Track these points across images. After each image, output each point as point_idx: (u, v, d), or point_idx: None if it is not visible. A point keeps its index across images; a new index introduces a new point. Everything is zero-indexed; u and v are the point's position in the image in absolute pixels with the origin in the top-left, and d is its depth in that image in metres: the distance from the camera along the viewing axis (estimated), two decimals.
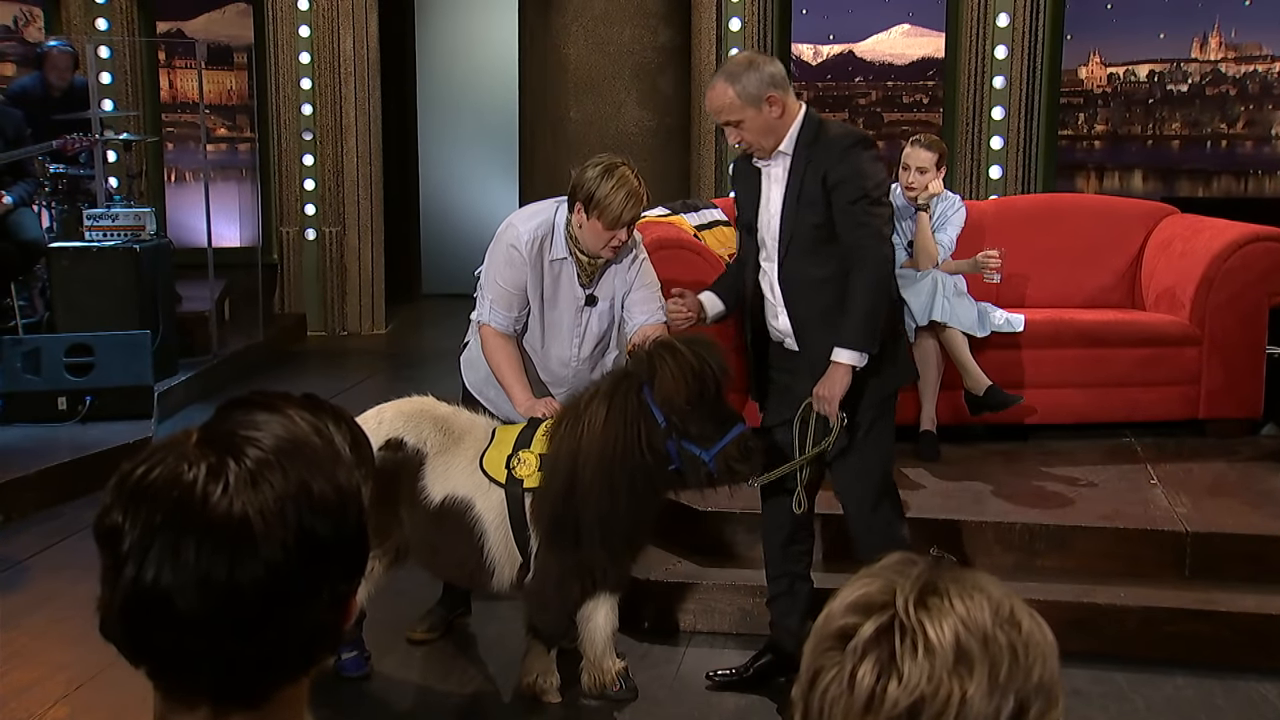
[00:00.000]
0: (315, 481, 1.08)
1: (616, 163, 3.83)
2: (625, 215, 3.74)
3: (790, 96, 3.62)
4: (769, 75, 3.56)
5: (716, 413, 3.51)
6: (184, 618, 1.04)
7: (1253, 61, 7.22)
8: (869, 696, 0.99)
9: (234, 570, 1.04)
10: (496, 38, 9.98)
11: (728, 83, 3.58)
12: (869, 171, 3.54)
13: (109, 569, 1.07)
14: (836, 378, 3.56)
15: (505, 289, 3.90)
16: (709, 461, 3.50)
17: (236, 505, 1.04)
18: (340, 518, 1.09)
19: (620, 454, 3.48)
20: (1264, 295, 5.49)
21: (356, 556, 1.14)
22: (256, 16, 8.95)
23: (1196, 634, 4.12)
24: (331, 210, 9.04)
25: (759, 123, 3.57)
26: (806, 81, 7.63)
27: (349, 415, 1.19)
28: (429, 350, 8.82)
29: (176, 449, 1.08)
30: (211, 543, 1.04)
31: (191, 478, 1.05)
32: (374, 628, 4.07)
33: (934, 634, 1.00)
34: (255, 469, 1.06)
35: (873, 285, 3.53)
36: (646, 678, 4.01)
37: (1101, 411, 5.51)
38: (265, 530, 1.05)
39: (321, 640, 1.12)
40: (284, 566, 1.05)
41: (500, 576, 3.74)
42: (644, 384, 3.50)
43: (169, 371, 6.85)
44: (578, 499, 3.53)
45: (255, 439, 1.08)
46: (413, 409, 3.86)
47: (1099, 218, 6.14)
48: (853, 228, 3.53)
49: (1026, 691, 1.00)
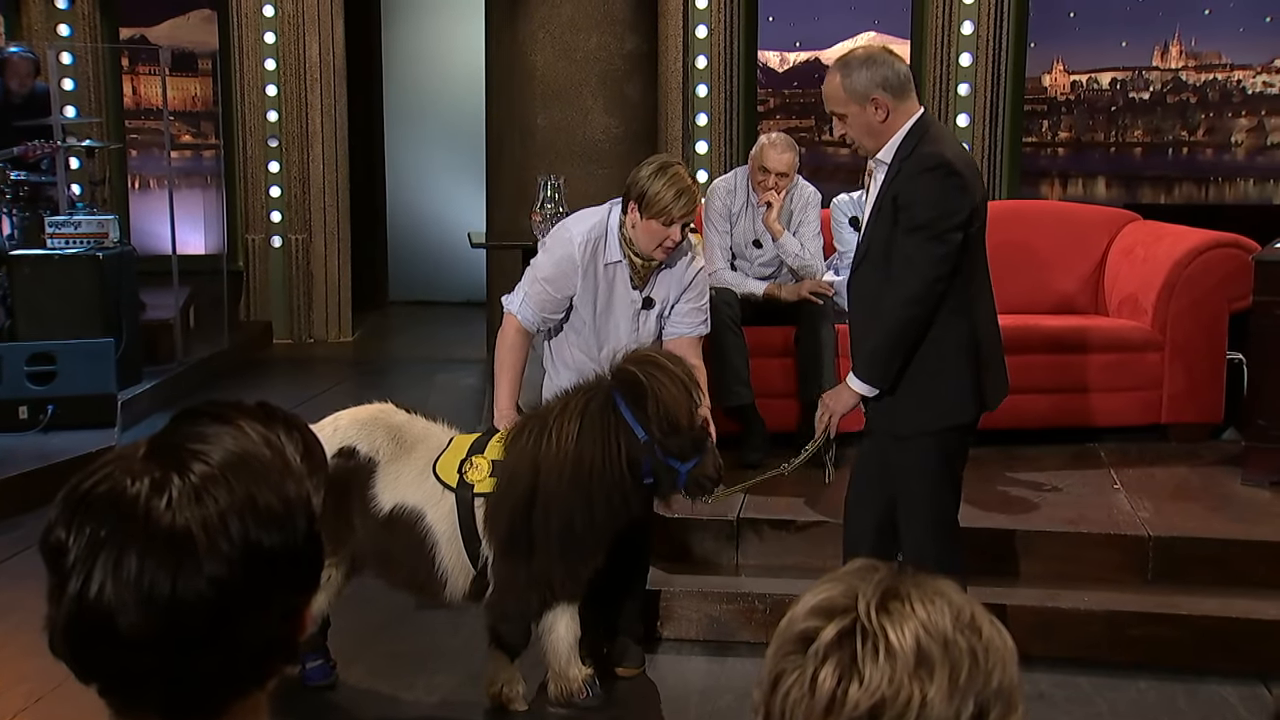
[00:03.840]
0: (262, 494, 1.07)
1: (670, 162, 3.87)
2: (676, 211, 3.75)
3: (904, 103, 3.44)
4: (882, 76, 3.41)
5: (692, 429, 3.56)
6: (128, 634, 1.02)
7: (1212, 70, 7.31)
8: (830, 699, 1.00)
9: (177, 585, 1.02)
10: (463, 44, 9.95)
11: (839, 72, 3.46)
12: (935, 201, 3.36)
13: (54, 585, 1.06)
14: (842, 394, 3.55)
15: (546, 289, 3.91)
16: (683, 476, 3.56)
17: (179, 519, 1.03)
18: (288, 529, 1.08)
19: (599, 467, 3.50)
20: (1224, 301, 5.54)
21: (307, 568, 1.12)
22: (221, 22, 8.90)
23: (1159, 637, 4.16)
24: (297, 217, 9.00)
25: (861, 121, 3.45)
26: (773, 88, 7.66)
27: (302, 423, 1.18)
28: (396, 357, 8.83)
29: (123, 462, 1.07)
30: (154, 558, 1.02)
31: (135, 492, 1.04)
32: (339, 636, 4.05)
33: (895, 638, 1.00)
34: (200, 483, 1.05)
35: (893, 324, 3.42)
36: (613, 685, 4.00)
37: (1066, 417, 5.54)
38: (209, 544, 1.03)
39: (274, 653, 1.11)
40: (230, 580, 1.04)
41: (453, 587, 3.74)
42: (619, 397, 3.53)
43: (133, 380, 6.79)
44: (540, 509, 3.54)
45: (202, 452, 1.07)
46: (368, 416, 3.83)
47: (1063, 224, 6.19)
48: (901, 258, 3.40)
49: (986, 695, 1.01)
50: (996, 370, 3.61)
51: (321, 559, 1.15)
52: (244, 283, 9.02)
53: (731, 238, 5.37)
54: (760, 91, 7.61)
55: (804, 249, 5.30)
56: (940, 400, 3.50)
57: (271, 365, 8.39)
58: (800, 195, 5.36)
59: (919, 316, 3.41)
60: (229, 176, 8.91)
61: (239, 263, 8.98)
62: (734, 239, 5.38)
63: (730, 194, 5.37)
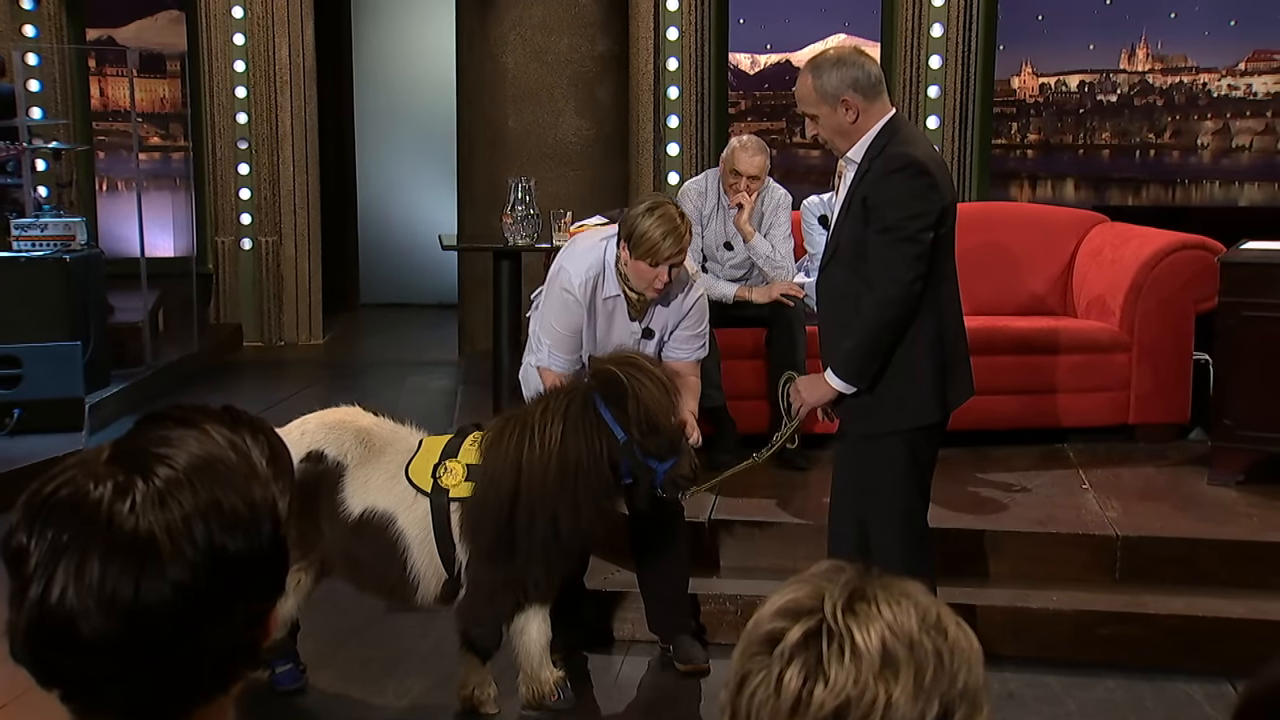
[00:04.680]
0: (227, 498, 1.06)
1: (661, 202, 3.91)
2: (663, 252, 3.77)
3: (874, 104, 3.46)
4: (852, 77, 3.43)
5: (671, 429, 3.61)
6: (90, 640, 1.01)
7: (1179, 73, 7.36)
8: (795, 700, 1.00)
9: (140, 590, 1.02)
10: (434, 46, 9.92)
11: (811, 74, 3.49)
12: (904, 202, 3.37)
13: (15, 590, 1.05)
14: (819, 387, 3.56)
15: (562, 333, 3.95)
16: (660, 475, 3.60)
17: (143, 524, 1.02)
18: (253, 534, 1.08)
19: (585, 468, 3.52)
20: (1190, 302, 5.58)
21: (273, 573, 1.12)
22: (190, 24, 8.80)
23: (1127, 637, 4.19)
24: (268, 219, 8.93)
25: (832, 122, 3.47)
26: (744, 91, 7.67)
27: (269, 427, 1.17)
28: (367, 360, 8.78)
29: (85, 466, 1.07)
30: (116, 563, 1.01)
31: (98, 496, 1.03)
32: (309, 640, 4.03)
33: (861, 639, 1.01)
34: (164, 487, 1.04)
35: (868, 324, 3.43)
36: (585, 687, 4.01)
37: (1034, 417, 5.57)
38: (172, 549, 1.02)
39: (238, 658, 1.10)
40: (193, 586, 1.03)
41: (425, 591, 3.73)
42: (598, 398, 3.54)
43: (101, 383, 6.73)
44: (524, 512, 3.54)
45: (167, 456, 1.06)
46: (335, 420, 3.82)
47: (1031, 226, 6.22)
48: (875, 260, 3.42)
49: (951, 696, 1.02)
50: (961, 371, 3.62)
51: (287, 564, 1.15)
52: (213, 285, 8.94)
53: (703, 240, 5.36)
54: (731, 94, 7.62)
55: (775, 251, 5.30)
56: (909, 400, 3.52)
57: (241, 368, 8.33)
58: (771, 197, 5.36)
59: (900, 317, 3.42)
60: (198, 179, 8.84)
61: (208, 265, 8.91)
62: (705, 241, 5.37)
63: (701, 196, 5.37)
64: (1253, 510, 4.73)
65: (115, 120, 8.96)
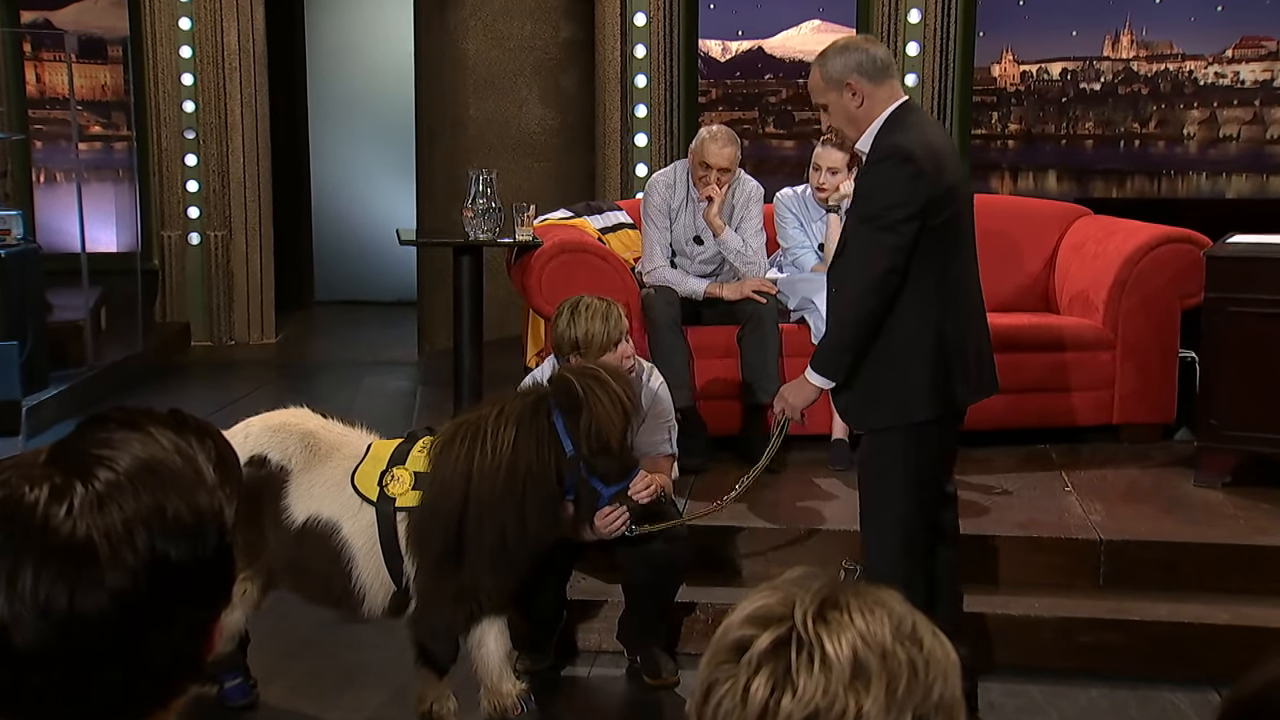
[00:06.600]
0: (171, 503, 1.04)
1: (573, 301, 3.98)
2: (613, 335, 3.91)
3: (880, 88, 3.43)
4: (856, 61, 3.41)
5: (622, 453, 3.58)
6: (23, 651, 0.99)
7: (1164, 60, 7.29)
8: (762, 710, 0.99)
9: (76, 599, 1.00)
10: (391, 32, 9.84)
11: (818, 62, 3.48)
12: (884, 190, 3.35)
13: None
14: (801, 388, 3.53)
15: None
16: (604, 499, 3.58)
17: (80, 528, 1.00)
18: (197, 541, 1.06)
19: (535, 476, 3.48)
20: (1175, 298, 5.53)
21: (217, 582, 1.10)
22: (132, 7, 8.59)
23: (1110, 644, 4.18)
24: (217, 213, 8.76)
25: (840, 109, 3.46)
26: (715, 79, 7.51)
27: (216, 431, 1.16)
28: (321, 360, 8.71)
29: (22, 469, 1.05)
30: (51, 569, 0.99)
31: (33, 499, 1.01)
32: (259, 652, 3.96)
33: (831, 648, 1.00)
34: (104, 490, 1.02)
35: (846, 316, 3.42)
36: (549, 699, 3.96)
37: (1016, 417, 5.48)
38: (111, 555, 1.01)
39: (180, 671, 1.09)
40: (133, 594, 1.01)
41: (371, 603, 3.65)
42: (554, 405, 3.49)
43: (39, 385, 6.63)
44: (472, 520, 3.48)
45: (108, 458, 1.04)
46: (280, 422, 3.74)
47: (1013, 219, 6.14)
48: (852, 250, 3.43)
49: (925, 709, 1.00)
50: (972, 367, 3.54)
51: (233, 573, 1.13)
52: (159, 282, 8.75)
53: (671, 234, 5.32)
54: (701, 82, 7.46)
55: (746, 246, 5.27)
56: (898, 395, 3.48)
57: (189, 369, 8.22)
58: (742, 190, 5.31)
59: (873, 308, 3.38)
60: (142, 170, 8.64)
61: (154, 261, 8.71)
62: (674, 235, 5.37)
63: (670, 189, 5.33)
64: (1239, 513, 4.71)
65: (53, 108, 8.77)
